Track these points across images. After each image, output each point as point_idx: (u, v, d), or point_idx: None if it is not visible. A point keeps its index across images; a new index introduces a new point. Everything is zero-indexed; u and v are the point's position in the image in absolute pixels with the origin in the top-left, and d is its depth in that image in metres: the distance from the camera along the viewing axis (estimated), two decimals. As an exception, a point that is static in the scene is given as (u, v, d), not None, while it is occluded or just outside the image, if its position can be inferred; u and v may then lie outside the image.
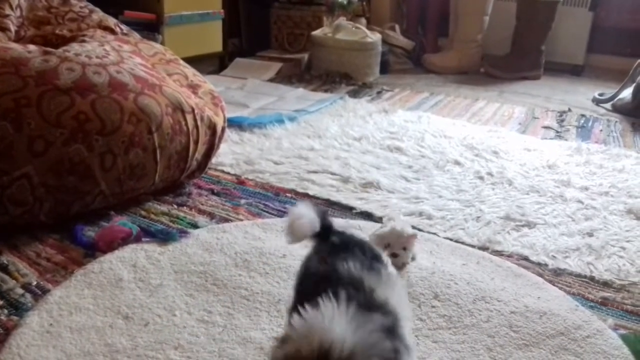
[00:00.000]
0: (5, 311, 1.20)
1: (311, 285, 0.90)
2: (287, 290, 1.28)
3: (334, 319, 0.72)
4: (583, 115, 2.93)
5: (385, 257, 0.99)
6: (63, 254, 1.42)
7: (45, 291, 1.26)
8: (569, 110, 3.00)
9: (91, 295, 1.24)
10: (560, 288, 1.37)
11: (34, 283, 1.29)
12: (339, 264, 0.89)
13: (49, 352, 1.07)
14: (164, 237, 1.48)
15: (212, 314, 1.20)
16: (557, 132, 2.66)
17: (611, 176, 2.08)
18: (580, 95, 3.34)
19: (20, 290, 1.27)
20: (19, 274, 1.32)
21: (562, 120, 2.82)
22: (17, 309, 1.21)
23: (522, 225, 1.68)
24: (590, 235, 1.64)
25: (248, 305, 1.24)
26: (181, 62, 2.04)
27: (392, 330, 0.77)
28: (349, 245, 0.96)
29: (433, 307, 1.26)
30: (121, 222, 1.51)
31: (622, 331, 1.22)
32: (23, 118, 1.43)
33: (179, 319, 1.18)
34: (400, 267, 1.40)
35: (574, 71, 3.89)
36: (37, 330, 1.13)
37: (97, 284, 1.28)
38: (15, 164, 1.42)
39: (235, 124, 2.40)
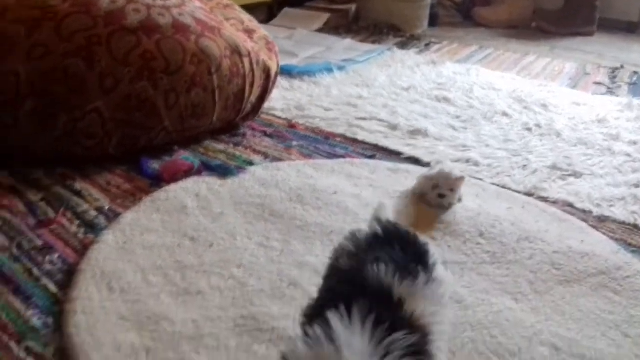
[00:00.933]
0: (82, 230, 1.32)
1: (334, 285, 0.83)
2: (338, 224, 1.36)
3: (344, 348, 0.64)
4: (636, 73, 2.88)
5: (433, 253, 0.87)
6: (130, 183, 1.52)
7: (116, 214, 1.37)
8: (622, 67, 2.94)
9: (159, 219, 1.34)
10: (604, 234, 1.41)
11: (106, 207, 1.40)
12: (369, 265, 0.78)
13: (124, 265, 1.18)
14: (222, 172, 1.57)
15: (270, 240, 1.29)
16: (609, 88, 2.63)
17: (662, 132, 2.07)
18: (634, 53, 3.26)
19: (94, 213, 1.38)
20: (92, 198, 1.44)
21: (614, 77, 2.78)
22: (93, 228, 1.32)
23: (569, 175, 1.71)
24: (637, 186, 1.66)
25: (302, 234, 1.32)
26: (237, 7, 2.09)
27: (418, 351, 0.69)
28: (390, 239, 0.86)
29: (478, 244, 1.32)
30: (184, 157, 1.61)
31: (663, 274, 1.26)
32: (94, 56, 1.52)
33: (240, 243, 1.27)
34: (446, 207, 1.45)
35: (629, 28, 3.78)
36: (112, 246, 1.24)
37: (164, 210, 1.38)
38: (88, 99, 1.51)
39: (285, 71, 2.46)
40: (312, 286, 1.15)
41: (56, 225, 1.32)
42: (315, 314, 0.74)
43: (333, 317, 0.67)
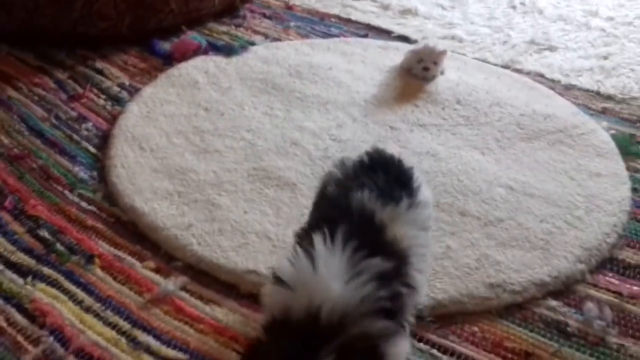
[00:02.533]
0: (109, 103, 1.50)
1: (321, 209, 0.88)
2: (333, 95, 1.54)
3: (325, 272, 0.69)
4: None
5: (417, 177, 0.89)
6: (145, 62, 1.68)
7: (136, 89, 1.55)
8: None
9: (175, 93, 1.52)
10: (568, 99, 1.60)
11: (127, 83, 1.58)
12: (354, 191, 0.81)
13: (150, 130, 1.38)
14: (227, 51, 1.73)
15: (273, 109, 1.48)
16: (596, -35, 2.68)
17: (639, 8, 2.19)
18: None
19: (117, 88, 1.56)
20: (112, 76, 1.61)
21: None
22: (118, 101, 1.51)
23: (545, 49, 1.86)
24: (605, 58, 1.82)
25: (302, 105, 1.51)
26: None
27: (395, 273, 0.74)
28: (375, 166, 0.88)
29: (455, 109, 1.51)
30: (192, 36, 1.75)
31: (614, 132, 1.46)
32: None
33: (248, 112, 1.47)
34: (430, 79, 1.63)
35: None
36: (138, 115, 1.43)
37: (179, 85, 1.56)
38: (100, -18, 1.64)
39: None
40: (310, 145, 1.36)
41: (85, 99, 1.50)
42: (304, 236, 0.80)
43: (317, 239, 0.73)
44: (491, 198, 1.23)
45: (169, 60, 1.69)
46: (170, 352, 0.92)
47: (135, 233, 1.13)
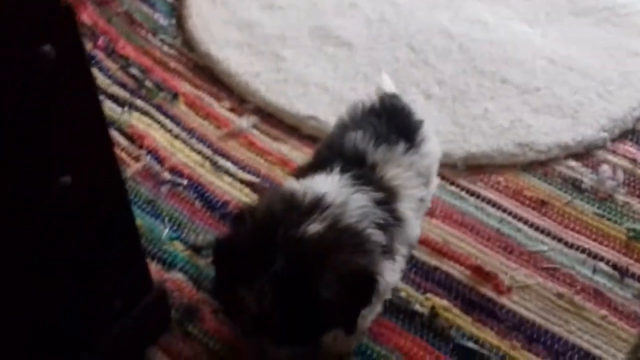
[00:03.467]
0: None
1: (321, 149, 0.91)
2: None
3: (326, 182, 0.76)
4: None
5: (426, 130, 0.91)
6: None
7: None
8: None
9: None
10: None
11: None
12: (351, 133, 0.85)
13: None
14: None
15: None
16: None
17: None
18: None
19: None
20: None
21: None
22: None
23: None
24: None
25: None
26: None
27: (384, 203, 0.78)
28: (383, 111, 0.90)
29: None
30: None
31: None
32: None
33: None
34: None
35: None
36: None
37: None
38: None
39: None
40: (367, 8, 1.45)
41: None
42: (302, 174, 0.84)
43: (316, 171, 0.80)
44: (532, 68, 1.33)
45: None
46: (246, 176, 1.11)
47: (212, 77, 1.29)
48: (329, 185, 0.76)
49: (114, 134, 1.16)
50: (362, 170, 0.81)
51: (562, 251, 1.03)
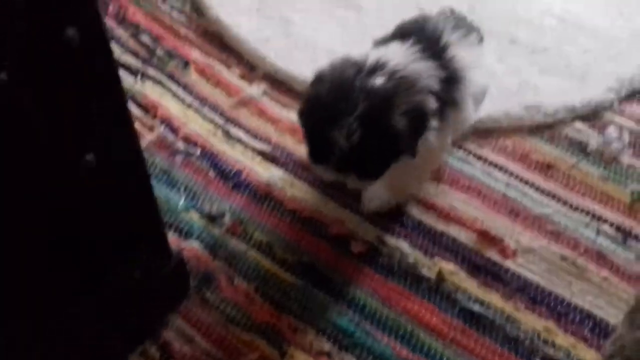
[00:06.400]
0: None
1: (403, 25, 1.02)
2: None
3: (394, 50, 0.92)
4: None
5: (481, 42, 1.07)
6: None
7: None
8: None
9: None
10: None
11: None
12: (433, 19, 1.00)
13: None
14: None
15: None
16: None
17: None
18: None
19: None
20: None
21: None
22: None
23: None
24: None
25: None
26: None
27: (446, 80, 0.93)
28: (458, 19, 1.05)
29: None
30: None
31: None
32: None
33: None
34: None
35: None
36: None
37: None
38: None
39: None
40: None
41: None
42: (381, 43, 1.00)
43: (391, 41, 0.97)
44: (541, 27, 1.33)
45: None
46: (257, 144, 1.14)
47: (222, 43, 1.29)
48: (395, 52, 0.92)
49: (129, 105, 1.18)
50: (433, 46, 0.94)
51: (566, 214, 1.06)
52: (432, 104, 0.91)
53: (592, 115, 1.19)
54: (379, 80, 0.88)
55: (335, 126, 0.85)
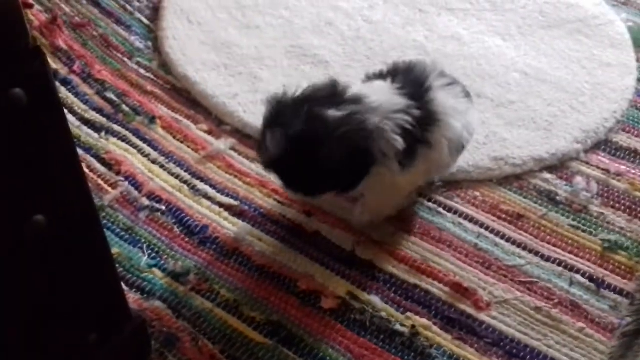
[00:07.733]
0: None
1: (392, 68, 1.05)
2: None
3: (375, 87, 0.98)
4: None
5: (467, 98, 1.08)
6: None
7: (181, -38, 1.63)
8: None
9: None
10: (594, -11, 1.65)
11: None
12: (424, 64, 1.04)
13: (196, 3, 1.49)
14: None
15: (309, -12, 1.57)
16: None
17: None
18: None
19: (162, -39, 1.64)
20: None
21: None
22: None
23: None
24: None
25: (337, -16, 1.59)
26: None
27: (422, 120, 0.96)
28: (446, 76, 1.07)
29: (483, -5, 1.59)
30: None
31: (631, 24, 1.54)
32: None
33: (286, -10, 1.56)
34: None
35: None
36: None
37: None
38: None
39: None
40: (343, 26, 1.47)
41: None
42: (368, 79, 1.06)
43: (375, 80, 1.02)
44: (506, 82, 1.35)
45: None
46: (224, 199, 1.12)
47: (189, 99, 1.29)
48: (377, 89, 0.97)
49: (91, 161, 1.16)
50: (415, 88, 0.97)
51: (539, 264, 1.05)
52: (396, 141, 0.93)
53: (560, 166, 1.21)
54: (333, 112, 0.90)
55: (271, 130, 0.92)
